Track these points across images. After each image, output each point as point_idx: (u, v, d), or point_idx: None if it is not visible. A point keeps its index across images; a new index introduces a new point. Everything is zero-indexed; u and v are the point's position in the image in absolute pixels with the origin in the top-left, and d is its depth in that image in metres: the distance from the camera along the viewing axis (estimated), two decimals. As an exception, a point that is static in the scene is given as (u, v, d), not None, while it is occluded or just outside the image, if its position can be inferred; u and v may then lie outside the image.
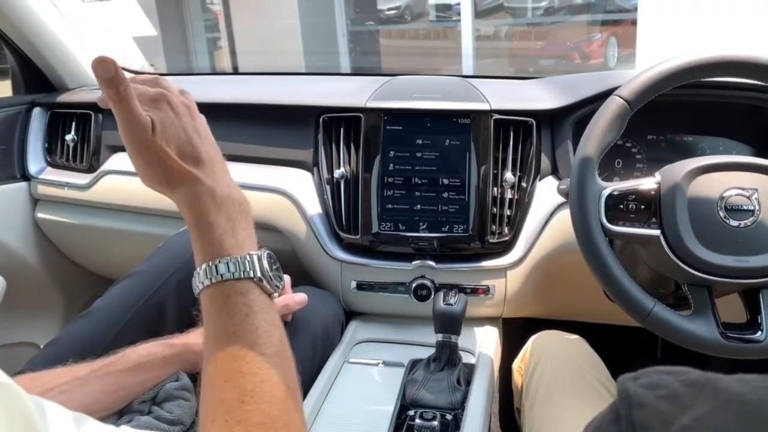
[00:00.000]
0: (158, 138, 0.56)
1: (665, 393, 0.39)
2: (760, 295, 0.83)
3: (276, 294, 0.57)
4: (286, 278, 0.97)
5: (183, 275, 0.96)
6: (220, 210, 0.56)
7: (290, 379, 0.54)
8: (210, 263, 0.54)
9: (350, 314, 1.21)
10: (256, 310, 0.54)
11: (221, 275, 0.54)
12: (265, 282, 0.56)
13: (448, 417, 0.92)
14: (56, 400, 0.41)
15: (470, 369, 1.03)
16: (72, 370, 0.77)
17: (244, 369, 0.51)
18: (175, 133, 0.58)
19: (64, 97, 1.51)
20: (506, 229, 1.13)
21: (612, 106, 0.87)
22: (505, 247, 1.14)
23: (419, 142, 1.13)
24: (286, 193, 1.21)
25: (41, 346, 1.54)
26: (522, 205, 1.13)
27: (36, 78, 1.54)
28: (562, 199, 1.09)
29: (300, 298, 0.95)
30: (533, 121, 1.14)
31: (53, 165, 1.51)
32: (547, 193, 1.13)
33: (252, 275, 0.55)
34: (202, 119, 0.64)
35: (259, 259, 0.55)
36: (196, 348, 0.85)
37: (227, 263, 0.54)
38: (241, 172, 1.28)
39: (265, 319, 0.54)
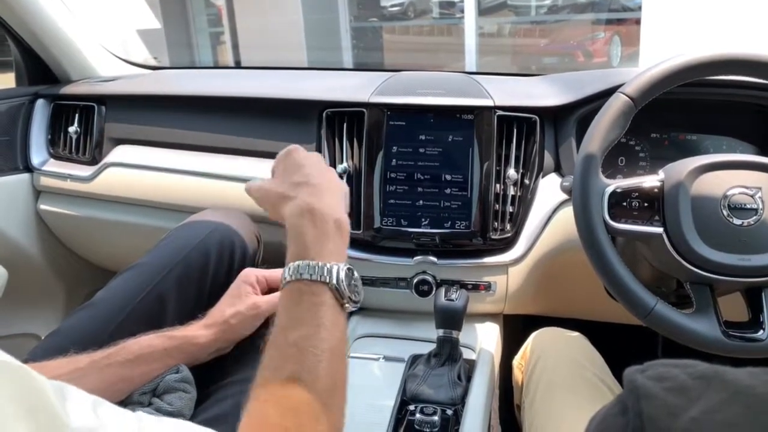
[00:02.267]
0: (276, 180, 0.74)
1: (673, 385, 0.39)
2: (763, 294, 0.83)
3: (348, 305, 0.63)
4: None
5: (184, 268, 0.96)
6: (315, 224, 0.65)
7: (337, 379, 0.59)
8: (294, 263, 0.63)
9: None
10: (322, 310, 0.60)
11: (300, 274, 0.62)
12: (338, 291, 0.62)
13: (449, 412, 0.92)
14: None
15: (471, 365, 1.03)
16: (72, 361, 0.77)
17: (295, 356, 0.57)
18: (290, 169, 0.73)
19: (67, 89, 1.51)
20: (508, 226, 1.13)
21: (616, 104, 0.87)
22: (507, 244, 1.14)
23: (422, 137, 1.13)
24: (289, 187, 1.21)
25: (42, 338, 1.55)
26: (524, 201, 1.13)
27: (39, 70, 1.54)
28: (564, 197, 1.09)
29: None
30: (537, 117, 1.13)
31: (56, 157, 1.51)
32: (549, 190, 1.12)
33: (327, 281, 0.61)
34: (315, 155, 0.77)
35: (338, 270, 0.62)
36: (197, 340, 0.85)
37: (308, 266, 0.62)
38: (243, 166, 1.28)
39: (330, 320, 0.60)
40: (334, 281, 0.62)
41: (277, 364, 0.57)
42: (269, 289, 0.95)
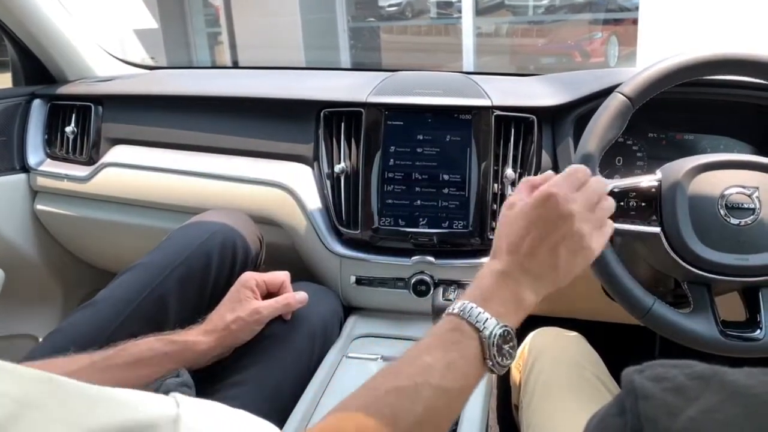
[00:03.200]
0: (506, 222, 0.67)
1: (671, 385, 0.39)
2: (760, 294, 0.83)
3: (490, 363, 0.59)
4: (286, 276, 0.97)
5: (186, 269, 0.96)
6: (498, 289, 0.62)
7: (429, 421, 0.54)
8: (466, 302, 0.60)
9: (349, 309, 1.21)
10: (454, 359, 0.57)
11: (461, 311, 0.60)
12: (487, 345, 0.58)
13: (447, 412, 0.92)
14: None
15: (469, 365, 1.03)
16: (71, 362, 0.77)
17: (390, 400, 0.54)
18: (523, 224, 0.65)
19: (64, 89, 1.51)
20: (506, 226, 1.13)
21: (614, 103, 0.87)
22: (505, 244, 1.13)
23: (420, 137, 1.13)
24: (286, 187, 1.21)
25: (40, 339, 1.54)
26: (522, 201, 1.13)
27: (36, 70, 1.54)
28: (562, 196, 1.09)
29: (300, 296, 0.95)
30: (534, 117, 1.13)
31: (53, 157, 1.51)
32: (547, 190, 1.12)
33: (480, 328, 0.58)
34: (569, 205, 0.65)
35: (496, 325, 0.59)
36: (198, 347, 0.85)
37: (473, 308, 0.59)
38: (241, 166, 1.28)
39: (461, 366, 0.57)
40: (487, 334, 0.58)
41: (385, 380, 0.56)
42: (269, 293, 0.95)
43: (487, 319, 0.59)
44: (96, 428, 0.36)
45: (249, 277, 0.92)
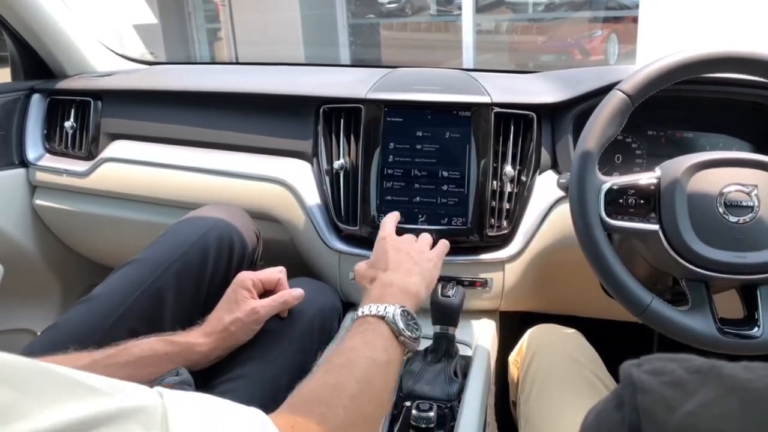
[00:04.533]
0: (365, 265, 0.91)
1: (669, 379, 0.39)
2: (758, 291, 0.83)
3: (404, 339, 0.73)
4: (281, 274, 0.97)
5: (183, 264, 0.96)
6: (385, 291, 0.80)
7: (366, 409, 0.64)
8: (365, 306, 0.75)
9: (347, 305, 1.21)
10: (377, 337, 0.71)
11: (362, 312, 0.75)
12: (394, 325, 0.73)
13: (445, 408, 0.92)
14: None
15: (467, 361, 1.03)
16: (72, 359, 0.77)
17: (338, 366, 0.66)
18: (376, 258, 0.90)
19: (63, 84, 1.50)
20: (505, 223, 1.13)
21: (613, 101, 0.87)
22: (504, 241, 1.14)
23: (419, 134, 1.13)
24: (286, 183, 1.21)
25: (38, 333, 1.54)
26: (521, 198, 1.13)
27: (35, 64, 1.54)
28: (561, 194, 1.09)
29: (297, 293, 0.95)
30: (534, 114, 1.14)
31: (52, 152, 1.51)
32: (546, 187, 1.13)
33: (383, 316, 0.73)
34: (398, 242, 0.92)
35: (394, 309, 0.74)
36: (198, 348, 0.85)
37: (370, 306, 0.75)
38: (240, 162, 1.28)
39: (381, 345, 0.70)
40: (390, 316, 0.73)
41: (319, 371, 0.65)
42: (265, 291, 0.95)
43: (386, 306, 0.74)
44: (79, 417, 0.37)
45: (245, 277, 0.92)
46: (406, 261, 0.87)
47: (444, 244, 0.98)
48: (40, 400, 0.36)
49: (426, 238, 0.96)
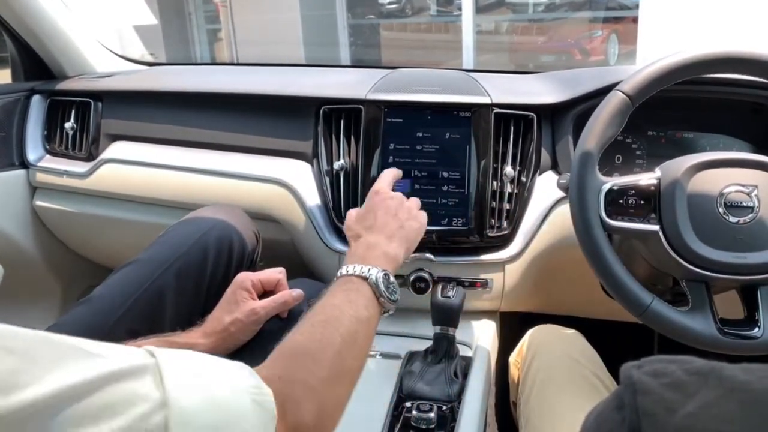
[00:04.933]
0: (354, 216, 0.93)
1: (670, 381, 0.39)
2: (758, 292, 0.83)
3: (384, 300, 0.77)
4: (281, 274, 0.97)
5: (183, 264, 0.96)
6: (369, 253, 0.83)
7: (349, 363, 0.67)
8: (348, 266, 0.79)
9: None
10: (359, 296, 0.74)
11: (347, 271, 0.78)
12: (376, 286, 0.76)
13: (445, 409, 0.92)
14: None
15: (467, 362, 1.03)
16: None
17: (322, 322, 0.69)
18: (365, 213, 0.92)
19: (63, 85, 1.50)
20: (505, 223, 1.13)
21: (613, 101, 0.87)
22: (504, 241, 1.14)
23: (419, 134, 1.13)
24: (286, 184, 1.21)
25: (38, 334, 1.54)
26: (521, 199, 1.13)
27: (36, 65, 1.54)
28: (561, 194, 1.09)
29: (296, 293, 0.95)
30: (534, 115, 1.14)
31: (52, 153, 1.51)
32: (546, 187, 1.13)
33: (366, 276, 0.76)
34: (388, 201, 0.93)
35: (377, 272, 0.77)
36: (197, 349, 0.85)
37: (354, 266, 0.78)
38: (240, 163, 1.28)
39: (363, 305, 0.74)
40: (373, 278, 0.76)
41: (304, 325, 0.68)
42: (265, 292, 0.95)
43: (369, 269, 0.77)
44: (79, 380, 0.40)
45: (244, 277, 0.92)
46: (392, 223, 0.89)
47: (423, 214, 0.97)
48: (43, 367, 0.38)
49: (414, 201, 0.97)
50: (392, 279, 0.80)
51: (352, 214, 0.94)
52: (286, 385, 0.58)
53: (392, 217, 0.90)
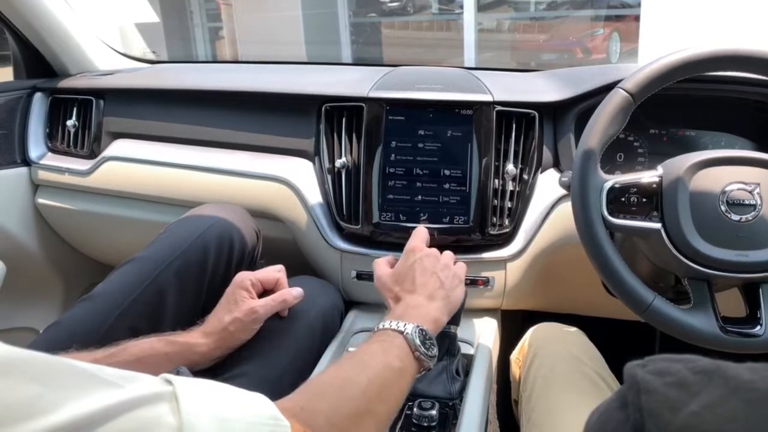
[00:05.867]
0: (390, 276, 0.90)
1: (674, 380, 0.39)
2: (760, 290, 0.83)
3: (420, 355, 0.74)
4: (281, 273, 0.96)
5: (184, 262, 0.97)
6: (409, 311, 0.81)
7: (376, 406, 0.65)
8: (386, 321, 0.77)
9: (349, 304, 1.21)
10: (392, 350, 0.72)
11: (383, 325, 0.77)
12: (411, 341, 0.74)
13: (447, 407, 0.92)
14: None
15: (469, 360, 1.03)
16: (74, 358, 0.77)
17: (342, 373, 0.67)
18: (403, 273, 0.89)
19: (65, 83, 1.50)
20: (507, 221, 1.13)
21: (615, 99, 0.87)
22: (506, 239, 1.14)
23: (421, 132, 1.13)
24: (288, 182, 1.21)
25: (40, 332, 1.55)
26: (523, 197, 1.13)
27: (38, 63, 1.54)
28: (563, 192, 1.09)
29: (296, 292, 0.95)
30: (536, 113, 1.13)
31: (54, 150, 1.51)
32: (548, 185, 1.12)
33: (401, 330, 0.75)
34: (426, 260, 0.90)
35: (413, 327, 0.75)
36: (197, 349, 0.85)
37: (391, 322, 0.76)
38: (242, 161, 1.28)
39: (396, 357, 0.72)
40: (409, 332, 0.74)
41: (333, 366, 0.69)
42: (264, 291, 0.95)
43: (406, 324, 0.75)
44: (97, 408, 0.39)
45: (243, 277, 0.92)
46: (432, 284, 0.86)
47: (462, 268, 0.96)
48: (62, 394, 0.38)
49: (449, 255, 0.95)
50: (430, 335, 0.77)
51: (386, 273, 0.91)
52: (308, 416, 0.57)
53: (430, 276, 0.87)
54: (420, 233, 0.97)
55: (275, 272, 0.96)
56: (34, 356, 0.39)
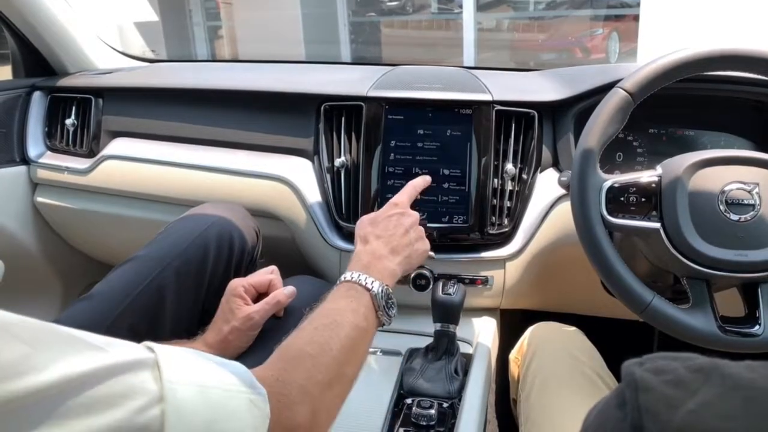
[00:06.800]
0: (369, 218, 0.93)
1: (671, 378, 0.39)
2: (759, 290, 0.83)
3: (381, 314, 0.78)
4: (273, 274, 0.96)
5: (183, 261, 0.96)
6: (373, 263, 0.83)
7: (346, 370, 0.68)
8: (354, 272, 0.80)
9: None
10: (360, 306, 0.75)
11: (351, 276, 0.79)
12: (375, 300, 0.77)
13: (445, 406, 0.92)
14: None
15: (468, 359, 1.03)
16: None
17: (322, 326, 0.70)
18: (378, 220, 0.92)
19: (64, 81, 1.50)
20: (506, 221, 1.13)
21: (614, 99, 0.87)
22: (505, 239, 1.14)
23: (420, 132, 1.13)
24: (287, 180, 1.21)
25: (39, 331, 1.54)
26: (522, 196, 1.13)
27: (37, 62, 1.54)
28: (562, 192, 1.09)
29: (289, 291, 0.94)
30: (535, 112, 1.13)
31: (53, 149, 1.51)
32: (547, 185, 1.13)
33: (370, 288, 0.77)
34: (404, 218, 0.94)
35: (380, 285, 0.78)
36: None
37: (360, 275, 0.79)
38: (241, 160, 1.28)
39: (362, 315, 0.74)
40: (376, 290, 0.77)
41: (305, 329, 0.69)
42: (258, 295, 0.95)
43: (373, 281, 0.78)
44: (84, 370, 0.41)
45: (236, 284, 0.92)
46: (401, 239, 0.89)
47: (428, 244, 0.98)
48: (48, 355, 0.40)
49: (421, 229, 0.97)
50: (391, 294, 0.80)
51: (366, 218, 0.94)
52: (282, 386, 0.59)
53: (402, 233, 0.90)
54: (408, 190, 1.00)
55: (267, 274, 0.95)
56: (22, 319, 0.41)
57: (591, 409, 0.45)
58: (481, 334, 1.12)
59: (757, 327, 0.81)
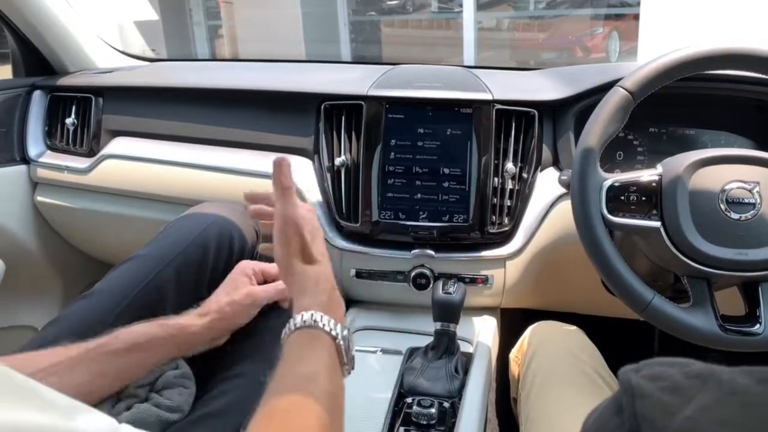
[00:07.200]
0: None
1: (668, 384, 0.38)
2: (759, 289, 0.83)
3: (347, 365, 0.67)
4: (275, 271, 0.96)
5: (183, 260, 0.96)
6: (331, 301, 0.70)
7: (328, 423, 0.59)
8: (308, 313, 0.67)
9: (349, 302, 1.21)
10: (328, 357, 0.64)
11: (314, 321, 0.66)
12: (341, 347, 0.66)
13: (446, 405, 0.92)
14: (48, 381, 0.41)
15: (468, 358, 1.03)
16: (65, 351, 0.77)
17: (301, 388, 0.60)
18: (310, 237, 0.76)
19: (64, 81, 1.50)
20: (506, 220, 1.13)
21: (615, 98, 0.87)
22: (505, 238, 1.14)
23: (421, 131, 1.13)
24: (287, 180, 1.21)
25: (39, 330, 1.55)
26: (522, 195, 1.13)
27: (37, 61, 1.54)
28: (562, 191, 1.09)
29: None
30: (535, 111, 1.13)
31: (53, 148, 1.51)
32: (547, 184, 1.13)
33: (335, 335, 0.66)
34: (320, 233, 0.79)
35: (343, 329, 0.67)
36: (190, 329, 0.85)
37: (321, 317, 0.67)
38: (241, 159, 1.28)
39: (333, 368, 0.64)
40: (340, 337, 0.66)
41: (280, 390, 0.60)
42: (264, 281, 0.95)
43: (339, 326, 0.67)
44: (24, 424, 0.35)
45: (246, 265, 0.93)
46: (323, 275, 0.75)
47: None
48: None
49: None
50: (353, 344, 0.70)
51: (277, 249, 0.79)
52: None
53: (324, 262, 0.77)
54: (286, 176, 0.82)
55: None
56: None
57: (589, 414, 0.45)
58: (481, 333, 1.12)
59: (757, 326, 0.81)
